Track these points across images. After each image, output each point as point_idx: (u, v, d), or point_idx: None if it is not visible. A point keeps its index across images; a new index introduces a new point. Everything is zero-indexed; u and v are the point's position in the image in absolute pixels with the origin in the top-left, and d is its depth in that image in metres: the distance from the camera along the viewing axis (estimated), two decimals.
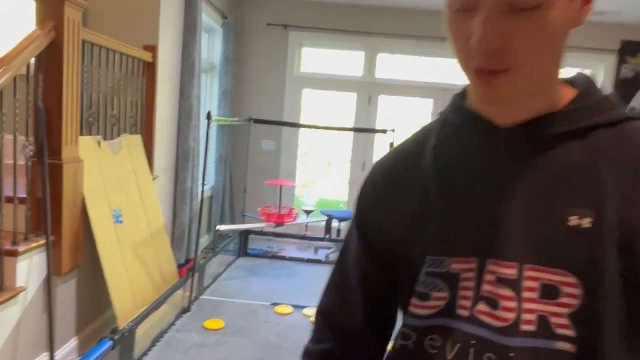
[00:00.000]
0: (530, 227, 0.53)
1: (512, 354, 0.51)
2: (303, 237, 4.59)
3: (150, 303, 2.63)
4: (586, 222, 0.51)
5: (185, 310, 3.06)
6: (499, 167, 0.56)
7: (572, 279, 0.51)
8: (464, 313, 0.55)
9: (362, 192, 0.68)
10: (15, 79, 1.88)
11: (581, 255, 0.51)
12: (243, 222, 4.48)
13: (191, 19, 3.53)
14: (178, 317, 2.96)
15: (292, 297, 3.46)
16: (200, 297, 3.35)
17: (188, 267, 3.39)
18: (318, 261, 4.46)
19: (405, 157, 0.64)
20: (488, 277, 0.54)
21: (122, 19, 3.02)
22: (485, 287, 0.54)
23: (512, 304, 0.53)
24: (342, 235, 4.88)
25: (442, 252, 0.57)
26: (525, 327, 0.52)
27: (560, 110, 0.55)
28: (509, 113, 0.56)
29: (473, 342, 0.54)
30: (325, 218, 4.46)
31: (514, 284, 0.53)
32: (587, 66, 4.86)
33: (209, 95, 4.64)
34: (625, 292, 0.51)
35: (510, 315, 0.52)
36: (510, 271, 0.53)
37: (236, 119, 4.30)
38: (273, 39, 4.87)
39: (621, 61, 4.80)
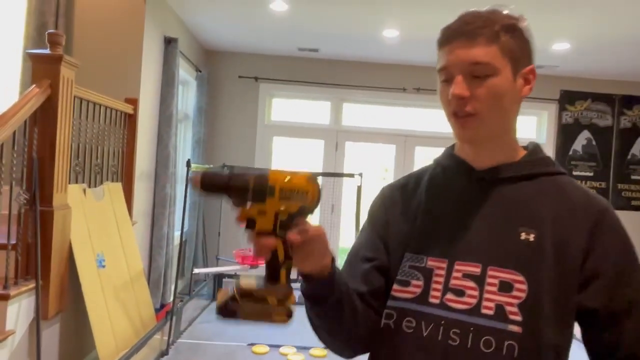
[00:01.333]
0: (492, 239, 0.76)
1: (472, 329, 0.72)
2: None
3: (131, 347, 2.69)
4: (532, 237, 0.74)
5: (164, 353, 3.10)
6: (471, 196, 0.81)
7: (520, 277, 0.73)
8: (435, 301, 0.76)
9: (376, 202, 0.91)
10: (14, 133, 2.03)
11: (528, 260, 0.73)
12: (217, 266, 4.56)
13: (169, 74, 3.76)
14: None
15: (268, 337, 3.54)
16: (178, 340, 3.39)
17: (165, 311, 3.44)
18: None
19: (408, 185, 0.88)
20: (456, 274, 0.76)
21: (106, 74, 3.22)
22: (453, 282, 0.76)
23: (475, 293, 0.74)
24: None
25: (421, 252, 0.79)
26: (485, 311, 0.72)
27: (517, 161, 0.81)
28: (481, 160, 0.81)
29: (442, 322, 0.74)
30: None
31: (478, 279, 0.74)
32: (534, 113, 5.36)
33: (184, 143, 4.82)
34: (557, 287, 0.72)
35: (473, 301, 0.73)
36: (475, 269, 0.75)
37: (211, 165, 4.48)
38: (244, 90, 5.15)
39: (562, 109, 5.32)
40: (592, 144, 5.31)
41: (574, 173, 5.22)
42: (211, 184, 0.60)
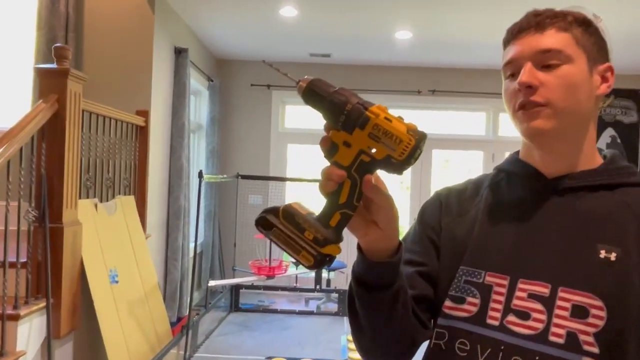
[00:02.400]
0: (565, 256, 0.66)
1: (537, 358, 0.63)
2: (294, 289, 4.61)
3: None
4: (613, 256, 0.64)
5: None
6: (540, 206, 0.71)
7: (599, 302, 0.62)
8: (494, 322, 0.67)
9: (430, 202, 0.83)
10: (21, 149, 1.99)
11: (608, 283, 0.63)
12: (233, 277, 4.51)
13: (180, 84, 3.73)
14: None
15: (286, 349, 3.46)
16: (195, 355, 3.33)
17: (181, 325, 3.39)
18: (310, 312, 4.47)
19: (466, 191, 0.81)
20: (519, 293, 0.67)
21: (117, 87, 3.20)
22: (516, 302, 0.66)
23: (542, 317, 0.65)
24: (332, 286, 4.94)
25: (479, 266, 0.70)
26: (553, 339, 0.63)
27: (595, 169, 0.72)
28: (553, 165, 0.72)
29: (502, 347, 0.65)
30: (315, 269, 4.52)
31: (546, 301, 0.65)
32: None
33: (197, 154, 4.79)
34: None
35: (540, 326, 0.65)
36: (543, 290, 0.66)
37: (225, 175, 4.43)
38: (257, 98, 5.11)
39: None
40: (617, 141, 5.11)
41: None
42: (313, 92, 0.57)
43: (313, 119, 5.37)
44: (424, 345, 0.75)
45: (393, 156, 0.54)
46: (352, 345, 3.67)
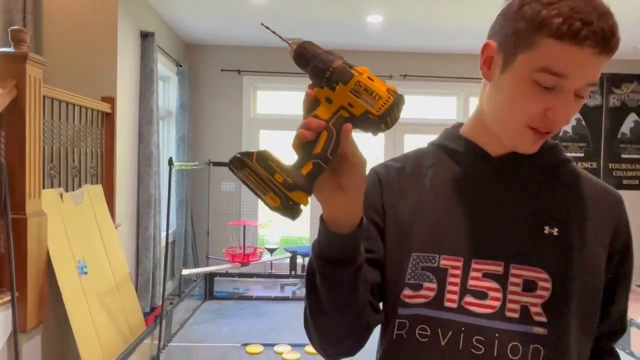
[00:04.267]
0: (513, 234, 0.67)
1: (497, 335, 0.64)
2: (269, 276, 4.61)
3: (119, 354, 2.59)
4: (555, 232, 0.67)
5: (155, 358, 3.01)
6: (486, 185, 0.71)
7: (545, 275, 0.65)
8: (452, 305, 0.66)
9: (369, 183, 0.74)
10: None
11: (552, 257, 0.66)
12: (207, 265, 4.47)
13: (147, 70, 3.63)
14: None
15: (262, 336, 3.46)
16: (169, 344, 3.30)
17: (154, 315, 3.35)
18: (285, 298, 4.48)
19: (405, 169, 0.76)
20: (474, 274, 0.67)
21: (80, 72, 3.09)
22: (472, 282, 0.66)
23: (498, 295, 0.65)
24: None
25: (432, 250, 0.69)
26: (509, 314, 0.64)
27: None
28: (498, 144, 0.71)
29: (462, 328, 0.65)
30: (289, 255, 4.52)
31: (500, 279, 0.66)
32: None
33: (167, 141, 4.69)
34: (583, 285, 0.66)
35: (497, 304, 0.65)
36: (497, 268, 0.66)
37: (196, 163, 4.36)
38: (228, 83, 5.02)
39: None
40: (582, 124, 5.26)
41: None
42: (303, 52, 0.58)
43: (285, 105, 5.33)
44: (374, 337, 0.73)
45: (371, 112, 0.56)
46: None
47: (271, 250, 4.68)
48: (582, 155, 5.25)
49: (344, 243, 0.61)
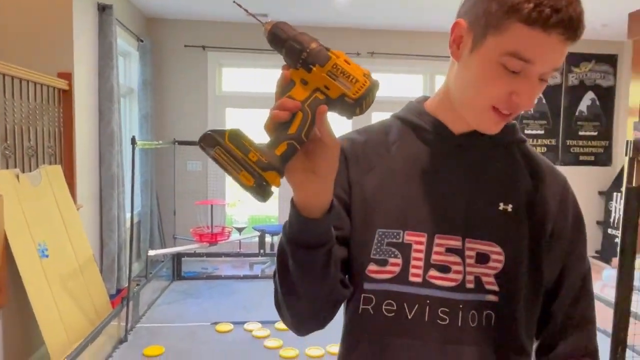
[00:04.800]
0: (470, 210, 0.70)
1: (461, 306, 0.67)
2: (237, 255, 4.61)
3: (85, 337, 2.55)
4: (509, 208, 0.70)
5: (122, 340, 2.98)
6: (447, 162, 0.73)
7: (498, 249, 0.69)
8: (417, 279, 0.69)
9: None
10: None
11: (505, 232, 0.70)
12: (174, 246, 4.42)
13: (106, 44, 3.48)
14: (115, 348, 2.88)
15: (232, 314, 3.48)
16: (137, 325, 3.27)
17: (121, 297, 3.30)
18: (255, 277, 4.50)
19: (369, 143, 0.76)
20: (437, 248, 0.69)
21: (34, 46, 2.93)
22: (435, 257, 0.69)
23: (460, 268, 0.68)
24: (276, 250, 4.98)
25: (396, 226, 0.70)
26: (468, 285, 0.68)
27: None
28: (461, 122, 0.72)
29: (428, 302, 0.68)
30: (258, 234, 4.52)
31: (460, 253, 0.69)
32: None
33: (129, 119, 4.55)
34: (532, 258, 0.71)
35: (459, 277, 0.68)
36: (456, 243, 0.69)
37: (160, 142, 4.26)
38: (192, 60, 4.88)
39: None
40: (543, 102, 5.41)
41: (526, 132, 5.32)
42: (277, 34, 0.58)
43: (252, 82, 5.24)
44: (339, 315, 0.75)
45: (347, 94, 0.56)
46: None
47: (240, 230, 4.66)
48: (542, 132, 5.42)
49: (315, 228, 0.61)
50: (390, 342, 0.69)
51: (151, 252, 3.61)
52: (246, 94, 5.10)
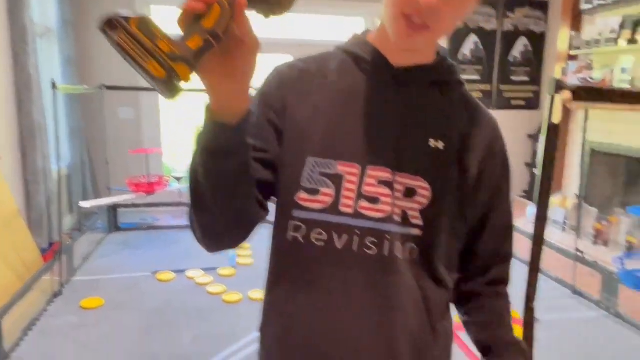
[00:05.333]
0: (403, 144, 0.71)
1: (388, 237, 0.69)
2: (178, 204, 4.51)
3: (14, 293, 2.44)
4: (441, 145, 0.71)
5: (57, 294, 2.89)
6: (384, 95, 0.72)
7: (425, 185, 0.70)
8: (348, 210, 0.69)
9: (271, 80, 0.75)
10: None
11: (434, 169, 0.71)
12: (109, 197, 4.24)
13: None
14: (49, 302, 2.79)
15: (173, 263, 3.44)
16: (73, 279, 3.17)
17: (53, 251, 3.16)
18: None
19: (309, 70, 0.75)
20: (369, 180, 0.70)
21: None
22: (367, 188, 0.69)
23: (389, 200, 0.69)
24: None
25: (329, 155, 0.70)
26: (395, 218, 0.69)
27: (433, 64, 0.75)
28: (401, 57, 0.72)
29: (357, 232, 0.69)
30: None
31: (390, 185, 0.69)
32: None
33: (49, 62, 4.18)
34: (458, 197, 0.73)
35: (388, 208, 0.69)
36: (387, 175, 0.70)
37: (85, 86, 3.97)
38: None
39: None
40: (479, 47, 5.52)
41: (464, 77, 5.44)
42: None
43: None
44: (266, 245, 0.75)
45: None
46: (241, 252, 3.75)
47: (179, 179, 4.54)
48: (479, 78, 5.56)
49: (228, 134, 0.59)
50: (319, 270, 0.70)
51: (83, 204, 3.46)
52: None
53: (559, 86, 1.29)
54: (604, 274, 2.97)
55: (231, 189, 0.63)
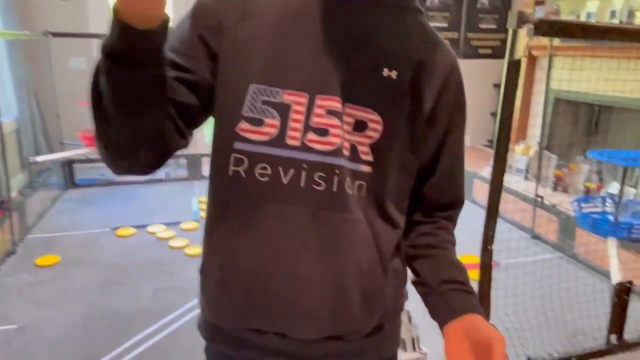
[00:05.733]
0: (353, 72, 0.64)
1: (337, 171, 0.64)
2: None
3: None
4: (394, 75, 0.65)
5: (10, 253, 2.77)
6: (330, 20, 0.65)
7: (377, 117, 0.64)
8: (295, 143, 0.63)
9: None
10: None
11: (386, 100, 0.65)
12: (62, 152, 4.04)
13: None
14: (2, 261, 2.68)
15: (134, 219, 3.35)
16: (27, 237, 3.05)
17: (3, 209, 3.01)
18: (158, 180, 4.32)
19: None
20: (318, 110, 0.63)
21: None
22: (315, 119, 0.63)
23: (338, 132, 0.63)
24: (179, 152, 4.78)
25: (274, 83, 0.63)
26: (344, 152, 0.64)
27: None
28: None
29: (304, 166, 0.63)
30: None
31: (339, 116, 0.64)
32: None
33: None
34: (410, 131, 0.67)
35: (337, 141, 0.64)
36: (336, 105, 0.63)
37: (27, 32, 3.68)
38: None
39: None
40: None
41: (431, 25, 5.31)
42: None
43: None
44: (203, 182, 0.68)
45: None
46: (204, 206, 3.71)
47: None
48: (446, 25, 5.46)
49: (137, 39, 0.50)
50: (263, 207, 0.65)
51: (35, 159, 3.28)
52: None
53: (521, 19, 1.22)
54: (561, 218, 3.06)
55: (137, 106, 0.55)
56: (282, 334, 0.69)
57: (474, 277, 0.72)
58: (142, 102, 0.55)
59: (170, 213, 3.47)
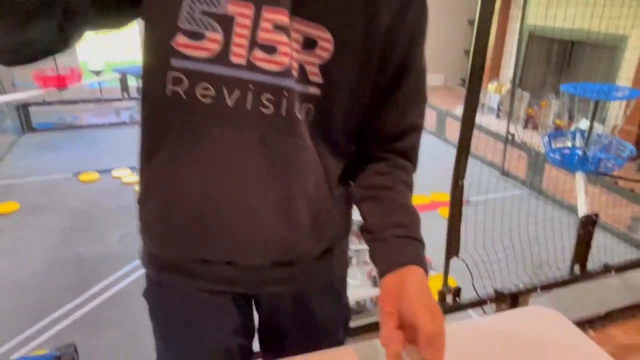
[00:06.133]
0: None
1: (285, 94, 0.58)
2: (97, 101, 4.15)
3: None
4: None
5: None
6: None
7: (328, 35, 0.58)
8: (240, 60, 0.56)
9: None
10: None
11: (338, 15, 0.58)
12: (14, 93, 3.80)
13: None
14: None
15: (98, 163, 3.22)
16: None
17: None
18: (122, 123, 4.15)
19: None
20: (265, 24, 0.55)
21: None
22: (262, 35, 0.56)
23: (287, 50, 0.56)
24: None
25: None
26: (293, 73, 0.58)
27: None
28: None
29: (250, 86, 0.56)
30: (119, 76, 4.03)
31: (287, 31, 0.56)
32: None
33: None
34: (363, 52, 0.59)
35: (286, 60, 0.57)
36: (284, 18, 0.56)
37: None
38: None
39: None
40: None
41: None
42: None
43: None
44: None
45: None
46: None
47: (96, 73, 4.11)
48: None
49: None
50: (207, 131, 0.58)
51: None
52: None
53: None
54: (531, 155, 3.08)
55: None
56: (230, 262, 0.65)
57: (444, 214, 0.67)
58: None
59: (135, 156, 3.34)
